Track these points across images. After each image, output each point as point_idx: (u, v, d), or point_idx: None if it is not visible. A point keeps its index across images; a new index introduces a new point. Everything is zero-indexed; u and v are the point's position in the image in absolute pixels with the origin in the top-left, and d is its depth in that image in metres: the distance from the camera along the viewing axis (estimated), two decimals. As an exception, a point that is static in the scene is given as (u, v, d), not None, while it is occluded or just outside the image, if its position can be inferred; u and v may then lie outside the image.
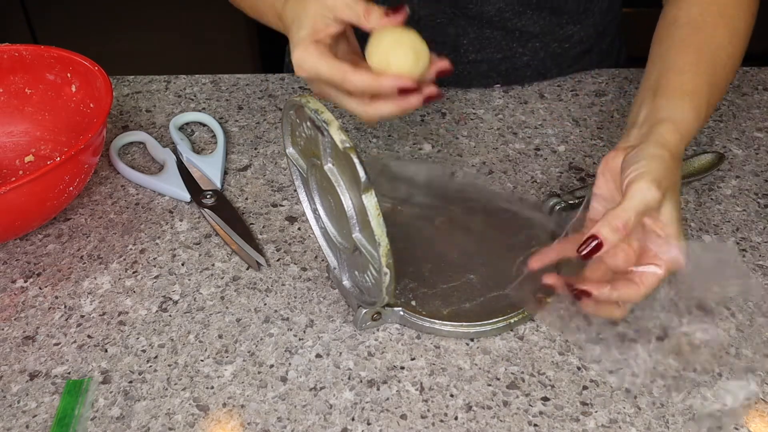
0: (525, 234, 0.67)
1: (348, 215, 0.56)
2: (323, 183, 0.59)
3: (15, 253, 0.69)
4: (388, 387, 0.57)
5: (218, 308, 0.64)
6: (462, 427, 0.54)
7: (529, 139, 0.81)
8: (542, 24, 0.85)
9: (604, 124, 0.84)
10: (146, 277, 0.67)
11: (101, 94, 0.72)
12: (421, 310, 0.61)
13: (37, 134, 0.79)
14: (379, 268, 0.55)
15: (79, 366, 0.59)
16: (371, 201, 0.52)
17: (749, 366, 0.58)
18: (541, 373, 0.58)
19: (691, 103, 0.62)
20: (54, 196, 0.66)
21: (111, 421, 0.55)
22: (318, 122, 0.54)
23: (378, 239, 0.53)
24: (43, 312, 0.64)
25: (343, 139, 0.52)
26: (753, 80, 0.90)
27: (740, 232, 0.70)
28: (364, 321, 0.61)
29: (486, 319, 0.60)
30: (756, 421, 0.55)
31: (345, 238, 0.60)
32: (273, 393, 0.57)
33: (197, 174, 0.76)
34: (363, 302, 0.61)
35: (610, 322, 0.59)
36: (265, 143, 0.82)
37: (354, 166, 0.52)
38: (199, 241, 0.70)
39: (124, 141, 0.81)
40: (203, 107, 0.87)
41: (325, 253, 0.64)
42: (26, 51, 0.77)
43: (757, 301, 0.63)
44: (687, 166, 0.75)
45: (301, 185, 0.64)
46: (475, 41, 0.86)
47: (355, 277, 0.62)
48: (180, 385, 0.58)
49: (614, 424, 0.54)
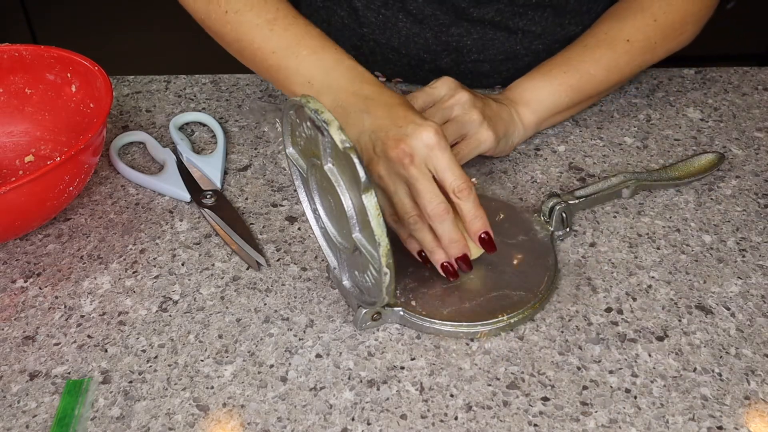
0: (524, 234, 0.67)
1: (348, 215, 0.56)
2: (323, 183, 0.59)
3: (15, 253, 0.69)
4: (388, 387, 0.57)
5: (218, 308, 0.64)
6: (462, 427, 0.54)
7: (528, 139, 0.81)
8: (544, 24, 0.85)
9: (604, 124, 0.84)
10: (146, 277, 0.67)
11: (101, 94, 0.72)
12: (421, 310, 0.61)
13: (37, 134, 0.79)
14: (379, 268, 0.55)
15: (79, 366, 0.59)
16: (371, 201, 0.52)
17: (749, 366, 0.58)
18: (541, 373, 0.58)
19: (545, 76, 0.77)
20: (54, 196, 0.66)
21: (111, 421, 0.55)
22: (318, 122, 0.54)
23: (378, 239, 0.53)
24: (43, 312, 0.64)
25: (343, 139, 0.52)
26: (753, 80, 0.90)
27: (740, 232, 0.70)
28: (364, 321, 0.61)
29: (486, 319, 0.60)
30: (756, 421, 0.55)
31: (345, 238, 0.60)
32: (273, 393, 0.57)
33: (197, 174, 0.76)
34: (363, 302, 0.61)
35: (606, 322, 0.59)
36: (265, 143, 0.82)
37: (354, 166, 0.52)
38: (199, 241, 0.70)
39: (124, 141, 0.81)
40: (203, 107, 0.87)
41: (325, 253, 0.64)
42: (26, 51, 0.77)
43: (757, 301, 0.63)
44: (687, 166, 0.75)
45: (301, 185, 0.64)
46: (477, 42, 0.86)
47: (355, 277, 0.62)
48: (180, 385, 0.58)
49: (614, 424, 0.54)
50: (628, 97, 0.88)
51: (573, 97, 0.78)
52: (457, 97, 0.71)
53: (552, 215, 0.68)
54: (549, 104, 0.77)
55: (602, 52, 0.78)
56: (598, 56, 0.78)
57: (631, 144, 0.81)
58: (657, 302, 0.63)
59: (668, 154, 0.79)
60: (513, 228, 0.68)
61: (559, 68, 0.78)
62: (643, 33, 0.78)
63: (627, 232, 0.70)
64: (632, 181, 0.72)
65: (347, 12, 0.88)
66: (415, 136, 0.59)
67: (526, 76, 0.79)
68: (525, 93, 0.77)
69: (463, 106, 0.70)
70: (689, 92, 0.89)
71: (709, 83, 0.90)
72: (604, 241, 0.69)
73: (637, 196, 0.74)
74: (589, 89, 0.78)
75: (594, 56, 0.78)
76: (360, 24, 0.88)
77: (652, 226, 0.71)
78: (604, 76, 0.78)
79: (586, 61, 0.78)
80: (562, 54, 0.80)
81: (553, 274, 0.64)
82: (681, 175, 0.74)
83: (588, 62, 0.78)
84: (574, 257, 0.67)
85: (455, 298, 0.62)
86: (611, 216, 0.72)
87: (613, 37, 0.78)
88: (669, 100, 0.87)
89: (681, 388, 0.57)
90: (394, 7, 0.84)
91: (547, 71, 0.78)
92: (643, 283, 0.65)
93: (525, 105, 0.77)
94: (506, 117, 0.74)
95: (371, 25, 0.87)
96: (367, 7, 0.86)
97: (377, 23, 0.87)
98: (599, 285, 0.65)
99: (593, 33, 0.80)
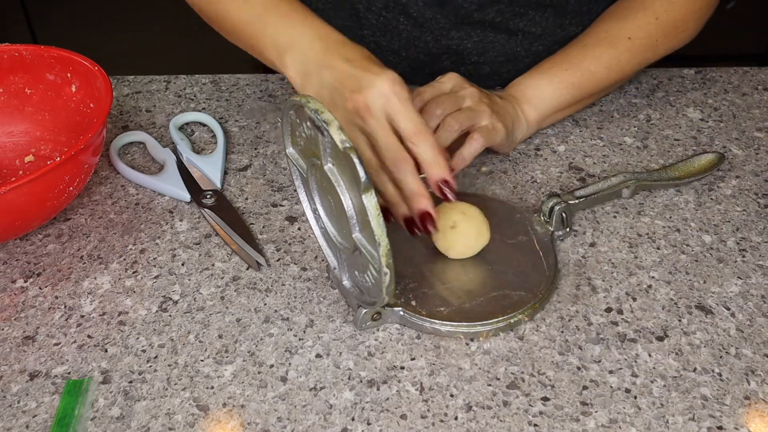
0: (525, 234, 0.67)
1: (348, 215, 0.56)
2: (323, 183, 0.59)
3: (15, 253, 0.69)
4: (388, 387, 0.57)
5: (218, 308, 0.64)
6: (462, 427, 0.54)
7: (528, 139, 0.81)
8: (544, 25, 0.85)
9: (604, 124, 0.84)
10: (146, 277, 0.67)
11: (101, 94, 0.72)
12: (421, 310, 0.61)
13: (37, 134, 0.79)
14: (379, 268, 0.55)
15: (79, 366, 0.59)
16: (371, 201, 0.52)
17: (749, 366, 0.58)
18: (541, 373, 0.58)
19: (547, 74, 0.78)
20: (54, 196, 0.66)
21: (111, 421, 0.55)
22: (318, 122, 0.54)
23: (378, 239, 0.52)
24: (43, 312, 0.64)
25: (343, 139, 0.52)
26: (753, 80, 0.90)
27: (740, 232, 0.70)
28: (364, 321, 0.61)
29: (486, 319, 0.60)
30: (756, 421, 0.55)
31: (345, 238, 0.60)
32: (273, 393, 0.57)
33: (197, 174, 0.76)
34: (363, 302, 0.61)
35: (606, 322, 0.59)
36: (265, 143, 0.82)
37: (354, 166, 0.52)
38: (199, 241, 0.70)
39: (124, 141, 0.81)
40: (203, 107, 0.87)
41: (325, 253, 0.64)
42: (26, 51, 0.77)
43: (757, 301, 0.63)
44: (687, 166, 0.75)
45: (301, 185, 0.64)
46: (478, 45, 0.86)
47: (355, 277, 0.62)
48: (180, 385, 0.58)
49: (614, 424, 0.54)
50: (628, 97, 0.88)
51: (574, 95, 0.78)
52: (466, 89, 0.72)
53: (552, 215, 0.68)
54: (551, 101, 0.78)
55: (603, 50, 0.78)
56: (598, 54, 0.78)
57: (631, 144, 0.81)
58: (657, 302, 0.63)
59: (668, 154, 0.79)
60: (513, 228, 0.68)
61: (560, 66, 0.78)
62: (644, 31, 0.78)
63: (627, 232, 0.70)
64: (632, 181, 0.72)
65: (348, 14, 0.88)
66: (372, 87, 0.59)
67: (527, 74, 0.79)
68: (527, 90, 0.77)
69: (472, 97, 0.71)
70: (689, 92, 0.89)
71: (709, 83, 0.90)
72: (604, 241, 0.69)
73: (637, 196, 0.74)
74: (590, 87, 0.79)
75: (594, 54, 0.78)
76: (361, 26, 0.88)
77: (652, 226, 0.71)
78: (605, 74, 0.78)
79: (587, 59, 0.78)
80: (562, 52, 0.80)
81: (553, 275, 0.64)
82: (681, 175, 0.74)
83: (589, 60, 0.78)
84: (574, 257, 0.67)
85: (455, 298, 0.62)
86: (611, 216, 0.72)
87: (614, 35, 0.79)
88: (669, 100, 0.87)
89: (681, 388, 0.57)
90: (395, 10, 0.84)
91: (548, 69, 0.78)
92: (643, 283, 0.65)
93: (527, 102, 0.77)
94: (512, 112, 0.75)
95: (372, 28, 0.87)
96: (368, 9, 0.86)
97: (378, 26, 0.87)
98: (599, 285, 0.65)
99: (594, 32, 0.80)
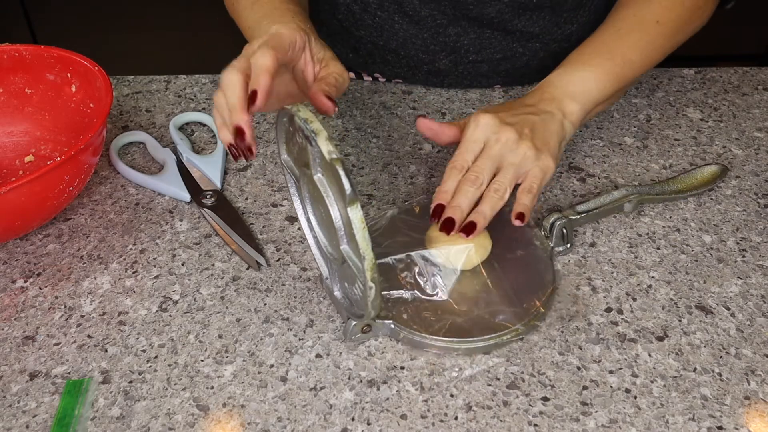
0: (523, 249, 0.66)
1: (336, 226, 0.55)
2: (314, 192, 0.58)
3: (15, 253, 0.69)
4: (388, 387, 0.57)
5: (218, 308, 0.64)
6: (462, 427, 0.54)
7: (529, 139, 0.81)
8: (542, 24, 0.85)
9: (604, 124, 0.84)
10: (146, 277, 0.67)
11: (101, 94, 0.72)
12: (413, 323, 0.60)
13: (37, 134, 0.79)
14: (364, 281, 0.53)
15: (79, 366, 0.59)
16: (356, 214, 0.51)
17: (749, 366, 0.58)
18: (541, 373, 0.58)
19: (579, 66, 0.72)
20: (54, 196, 0.66)
21: (111, 421, 0.55)
22: (307, 132, 0.53)
23: (363, 253, 0.51)
24: (43, 312, 0.64)
25: (330, 150, 0.51)
26: (753, 80, 0.90)
27: (740, 232, 0.70)
28: (353, 333, 0.59)
29: (478, 336, 0.59)
30: (756, 421, 0.55)
31: (335, 249, 0.59)
32: (273, 393, 0.57)
33: (197, 174, 0.76)
34: (352, 314, 0.60)
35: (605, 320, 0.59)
36: (265, 143, 0.82)
37: (340, 178, 0.50)
38: (199, 241, 0.70)
39: (124, 141, 0.81)
40: (203, 107, 0.87)
41: (318, 263, 0.63)
42: (26, 51, 0.77)
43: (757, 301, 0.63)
44: (689, 179, 0.74)
45: (295, 192, 0.63)
46: (475, 42, 0.86)
47: (345, 289, 0.61)
48: (180, 385, 0.58)
49: (614, 424, 0.54)
50: (628, 97, 0.88)
51: (615, 86, 0.73)
52: (501, 140, 0.64)
53: (552, 231, 0.67)
54: (596, 95, 0.71)
55: (638, 36, 0.73)
56: (635, 40, 0.73)
57: (631, 144, 0.81)
58: (657, 302, 0.63)
59: (668, 153, 0.79)
60: (512, 242, 0.67)
61: (601, 55, 0.72)
62: (672, 12, 0.74)
63: (627, 232, 0.70)
64: (634, 195, 0.71)
65: (345, 15, 0.88)
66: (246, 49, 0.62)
67: (565, 66, 0.73)
68: (569, 86, 0.70)
69: (510, 147, 0.64)
70: (689, 92, 0.89)
71: (709, 83, 0.90)
72: (604, 241, 0.69)
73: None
74: (630, 76, 0.73)
75: (631, 40, 0.73)
76: (357, 27, 0.88)
77: (652, 226, 0.71)
78: (641, 61, 0.73)
79: (624, 46, 0.73)
80: (597, 39, 0.74)
81: (550, 292, 0.63)
82: (683, 188, 0.73)
83: (626, 47, 0.73)
84: (574, 257, 0.67)
85: (448, 313, 0.61)
86: (611, 216, 0.72)
87: (642, 18, 0.74)
88: (669, 100, 0.87)
89: (681, 388, 0.57)
90: (390, 9, 0.84)
91: (588, 60, 0.72)
92: (643, 283, 0.65)
93: (571, 98, 0.70)
94: (556, 128, 0.68)
95: (368, 28, 0.87)
96: (363, 10, 0.86)
97: (374, 25, 0.87)
98: (599, 285, 0.65)
99: (622, 16, 0.75)
